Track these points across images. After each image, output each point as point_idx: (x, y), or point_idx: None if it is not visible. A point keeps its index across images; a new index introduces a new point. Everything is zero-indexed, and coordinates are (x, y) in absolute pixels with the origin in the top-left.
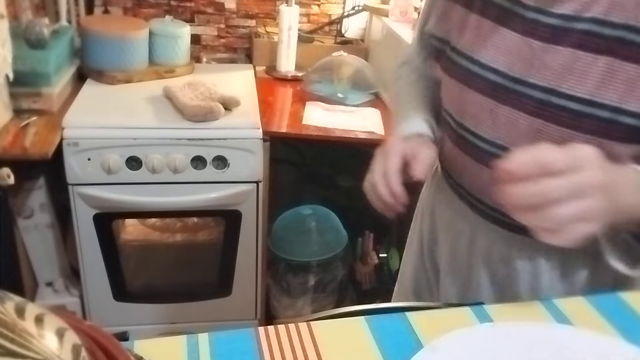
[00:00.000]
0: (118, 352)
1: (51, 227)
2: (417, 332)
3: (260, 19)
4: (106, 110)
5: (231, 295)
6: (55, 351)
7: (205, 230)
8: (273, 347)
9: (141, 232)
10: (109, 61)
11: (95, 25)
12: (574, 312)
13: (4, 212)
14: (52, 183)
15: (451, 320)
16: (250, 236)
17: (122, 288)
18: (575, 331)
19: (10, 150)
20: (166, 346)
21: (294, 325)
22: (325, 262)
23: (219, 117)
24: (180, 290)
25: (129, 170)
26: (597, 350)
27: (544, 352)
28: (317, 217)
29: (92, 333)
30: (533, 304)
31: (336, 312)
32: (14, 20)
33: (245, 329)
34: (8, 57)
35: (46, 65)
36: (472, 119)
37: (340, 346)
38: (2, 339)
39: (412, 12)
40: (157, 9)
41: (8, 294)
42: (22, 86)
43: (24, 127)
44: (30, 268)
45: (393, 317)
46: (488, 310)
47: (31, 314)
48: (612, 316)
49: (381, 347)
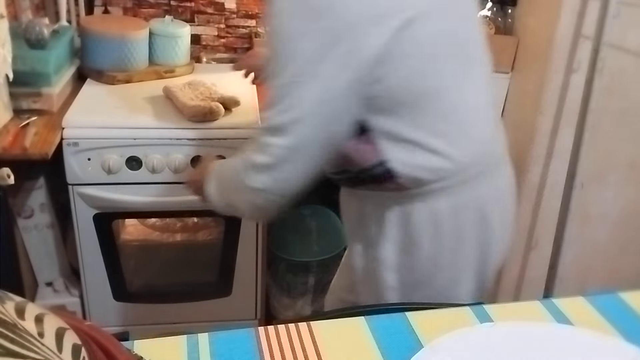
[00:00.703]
0: (118, 352)
1: (51, 227)
2: (417, 332)
3: (261, 19)
4: (106, 110)
5: (231, 295)
6: (55, 351)
7: (205, 230)
8: (273, 347)
9: (141, 232)
10: (109, 61)
11: (95, 25)
12: (574, 312)
13: (4, 212)
14: (52, 183)
15: (451, 320)
16: (250, 236)
17: (122, 288)
18: (575, 331)
19: (10, 150)
20: (166, 346)
21: (294, 325)
22: (325, 262)
23: (219, 117)
24: (180, 290)
25: (129, 170)
26: (597, 350)
27: (544, 352)
28: (317, 217)
29: (92, 333)
30: (533, 304)
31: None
32: (14, 20)
33: (245, 329)
34: (8, 57)
35: (46, 65)
36: None
37: (340, 346)
38: (2, 339)
39: None
40: (157, 9)
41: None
42: (22, 86)
43: (24, 127)
44: (30, 268)
45: (393, 317)
46: (488, 310)
47: (31, 314)
48: (612, 316)
49: (381, 347)
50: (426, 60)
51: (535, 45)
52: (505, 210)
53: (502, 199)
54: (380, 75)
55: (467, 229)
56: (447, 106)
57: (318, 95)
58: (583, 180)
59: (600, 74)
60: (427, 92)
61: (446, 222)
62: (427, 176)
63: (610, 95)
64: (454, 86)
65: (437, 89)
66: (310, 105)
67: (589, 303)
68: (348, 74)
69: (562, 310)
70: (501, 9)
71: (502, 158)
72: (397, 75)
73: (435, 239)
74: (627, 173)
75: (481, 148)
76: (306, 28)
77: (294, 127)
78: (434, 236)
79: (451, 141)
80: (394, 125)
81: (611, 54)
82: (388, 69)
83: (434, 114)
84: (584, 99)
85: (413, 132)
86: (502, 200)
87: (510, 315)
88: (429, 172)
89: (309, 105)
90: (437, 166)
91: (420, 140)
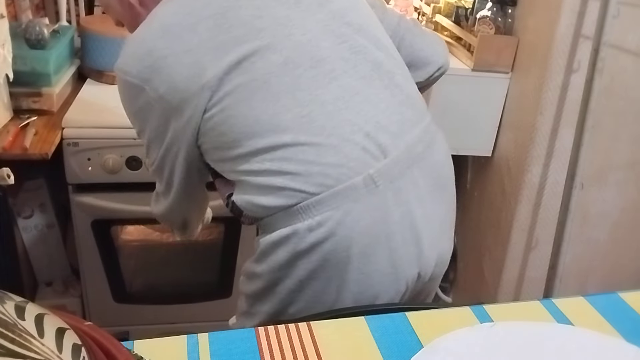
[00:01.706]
0: (118, 352)
1: (51, 227)
2: (417, 332)
3: None
4: (106, 110)
5: (231, 296)
6: (55, 351)
7: (205, 230)
8: (273, 347)
9: (141, 233)
10: (109, 61)
11: (95, 25)
12: (574, 312)
13: (4, 212)
14: (52, 183)
15: (451, 320)
16: (250, 237)
17: (121, 288)
18: (575, 331)
19: (10, 150)
20: (166, 346)
21: (294, 325)
22: None
23: None
24: (180, 291)
25: (129, 170)
26: (597, 350)
27: (544, 352)
28: None
29: (92, 333)
30: (533, 304)
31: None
32: (14, 20)
33: (245, 329)
34: (8, 57)
35: (46, 65)
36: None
37: (340, 346)
38: (2, 339)
39: (412, 12)
40: None
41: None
42: (22, 86)
43: (24, 127)
44: (30, 268)
45: (393, 317)
46: (488, 310)
47: (31, 314)
48: (612, 316)
49: (381, 347)
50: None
51: (535, 45)
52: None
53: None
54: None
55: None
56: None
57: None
58: (583, 180)
59: (600, 74)
60: (244, 134)
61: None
62: (268, 211)
63: (610, 95)
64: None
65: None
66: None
67: (589, 303)
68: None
69: (562, 310)
70: (501, 9)
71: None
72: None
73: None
74: (627, 173)
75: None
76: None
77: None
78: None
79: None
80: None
81: (611, 54)
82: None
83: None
84: (584, 99)
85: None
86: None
87: (510, 315)
88: (268, 208)
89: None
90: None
91: (256, 178)
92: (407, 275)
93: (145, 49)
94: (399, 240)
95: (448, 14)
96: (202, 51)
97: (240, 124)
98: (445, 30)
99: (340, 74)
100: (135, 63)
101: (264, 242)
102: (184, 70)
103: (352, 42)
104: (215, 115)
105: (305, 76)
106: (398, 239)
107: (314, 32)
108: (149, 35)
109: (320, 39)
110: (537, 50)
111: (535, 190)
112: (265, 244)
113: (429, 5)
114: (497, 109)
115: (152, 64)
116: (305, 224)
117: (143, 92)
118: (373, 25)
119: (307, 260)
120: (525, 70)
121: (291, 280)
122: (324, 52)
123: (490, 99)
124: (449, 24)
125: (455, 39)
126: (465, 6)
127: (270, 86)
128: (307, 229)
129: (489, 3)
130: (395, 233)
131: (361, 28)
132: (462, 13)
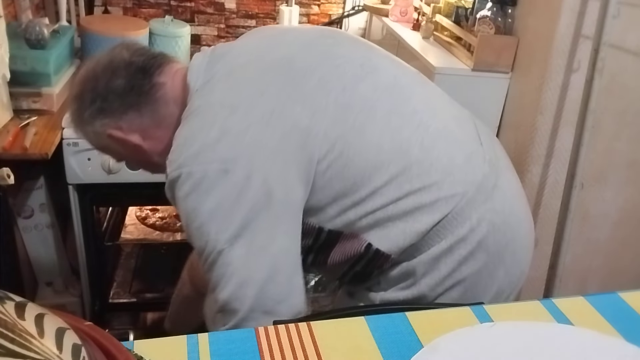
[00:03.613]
0: (118, 352)
1: (51, 227)
2: (417, 332)
3: (260, 19)
4: None
5: None
6: (55, 351)
7: None
8: (273, 347)
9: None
10: None
11: (95, 25)
12: (574, 312)
13: (4, 212)
14: (52, 183)
15: (451, 320)
16: None
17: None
18: (575, 331)
19: (10, 150)
20: (166, 346)
21: (294, 325)
22: None
23: None
24: None
25: (129, 170)
26: (597, 350)
27: (544, 352)
28: None
29: (92, 333)
30: (533, 304)
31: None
32: (14, 20)
33: (245, 329)
34: (5, 57)
35: (46, 65)
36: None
37: (340, 346)
38: (2, 339)
39: (412, 12)
40: (157, 9)
41: (8, 294)
42: (22, 86)
43: (24, 127)
44: (30, 268)
45: (393, 317)
46: (488, 310)
47: (31, 314)
48: (612, 316)
49: (381, 347)
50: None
51: (535, 45)
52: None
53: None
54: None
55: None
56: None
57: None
58: (583, 180)
59: (600, 74)
60: (363, 175)
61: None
62: (419, 236)
63: (610, 95)
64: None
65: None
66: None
67: (589, 303)
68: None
69: (562, 310)
70: (501, 9)
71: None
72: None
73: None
74: (627, 173)
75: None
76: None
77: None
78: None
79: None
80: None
81: (611, 54)
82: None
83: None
84: (584, 99)
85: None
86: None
87: (510, 315)
88: (413, 235)
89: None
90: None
91: (389, 212)
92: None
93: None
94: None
95: (448, 14)
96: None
97: (362, 160)
98: (445, 30)
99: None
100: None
101: (410, 265)
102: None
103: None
104: (333, 163)
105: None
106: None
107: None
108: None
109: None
110: (537, 50)
111: (535, 190)
112: (412, 267)
113: (429, 5)
114: (497, 109)
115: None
116: (467, 226)
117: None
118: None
119: (472, 262)
120: (525, 70)
121: (454, 288)
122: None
123: (490, 98)
124: (449, 24)
125: (455, 39)
126: (465, 6)
127: (375, 112)
128: (469, 230)
129: (489, 3)
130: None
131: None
132: (462, 13)
